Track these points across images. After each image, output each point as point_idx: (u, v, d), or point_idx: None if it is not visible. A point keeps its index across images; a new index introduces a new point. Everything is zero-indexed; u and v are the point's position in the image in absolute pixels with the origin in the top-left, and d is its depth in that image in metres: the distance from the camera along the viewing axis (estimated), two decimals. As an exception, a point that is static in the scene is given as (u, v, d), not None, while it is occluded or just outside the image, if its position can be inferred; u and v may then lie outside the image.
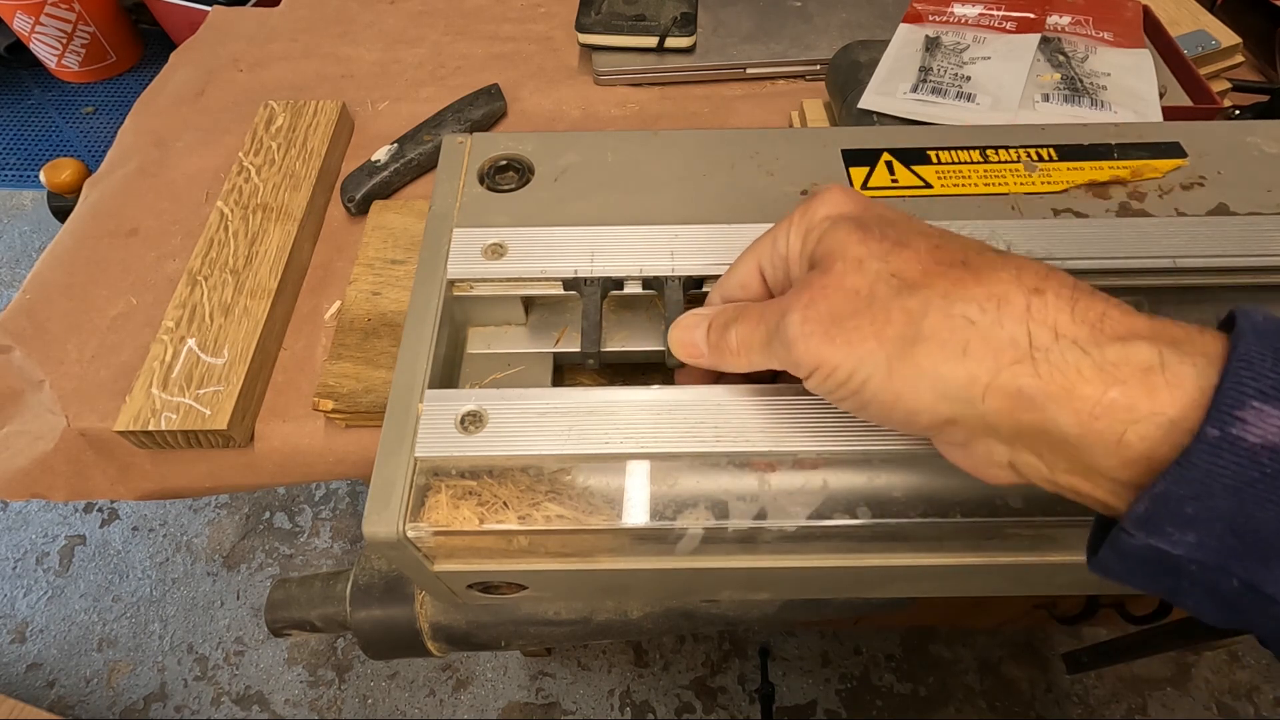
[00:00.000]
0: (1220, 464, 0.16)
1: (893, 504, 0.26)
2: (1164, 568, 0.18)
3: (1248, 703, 1.10)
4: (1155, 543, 0.17)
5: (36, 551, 1.28)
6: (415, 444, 0.27)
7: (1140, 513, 0.17)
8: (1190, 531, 0.17)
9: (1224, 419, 0.16)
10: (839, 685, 1.13)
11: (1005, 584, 0.32)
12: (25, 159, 1.72)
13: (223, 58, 0.66)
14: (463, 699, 1.13)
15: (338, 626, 0.40)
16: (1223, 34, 0.56)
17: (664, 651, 1.17)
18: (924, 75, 0.50)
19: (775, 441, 0.27)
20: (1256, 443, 0.16)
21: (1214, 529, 0.17)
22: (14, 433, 0.45)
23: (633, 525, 0.26)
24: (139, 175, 0.56)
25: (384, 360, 0.41)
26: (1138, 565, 0.18)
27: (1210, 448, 0.16)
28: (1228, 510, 0.16)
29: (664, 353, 0.30)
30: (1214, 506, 0.16)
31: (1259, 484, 0.16)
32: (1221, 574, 0.17)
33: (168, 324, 0.44)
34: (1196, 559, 0.17)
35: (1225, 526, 0.16)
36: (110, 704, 1.14)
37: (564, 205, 0.34)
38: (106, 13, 1.68)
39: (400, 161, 0.53)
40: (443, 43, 0.67)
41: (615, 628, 0.39)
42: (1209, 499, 0.16)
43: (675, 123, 0.60)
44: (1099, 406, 0.18)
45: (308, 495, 1.34)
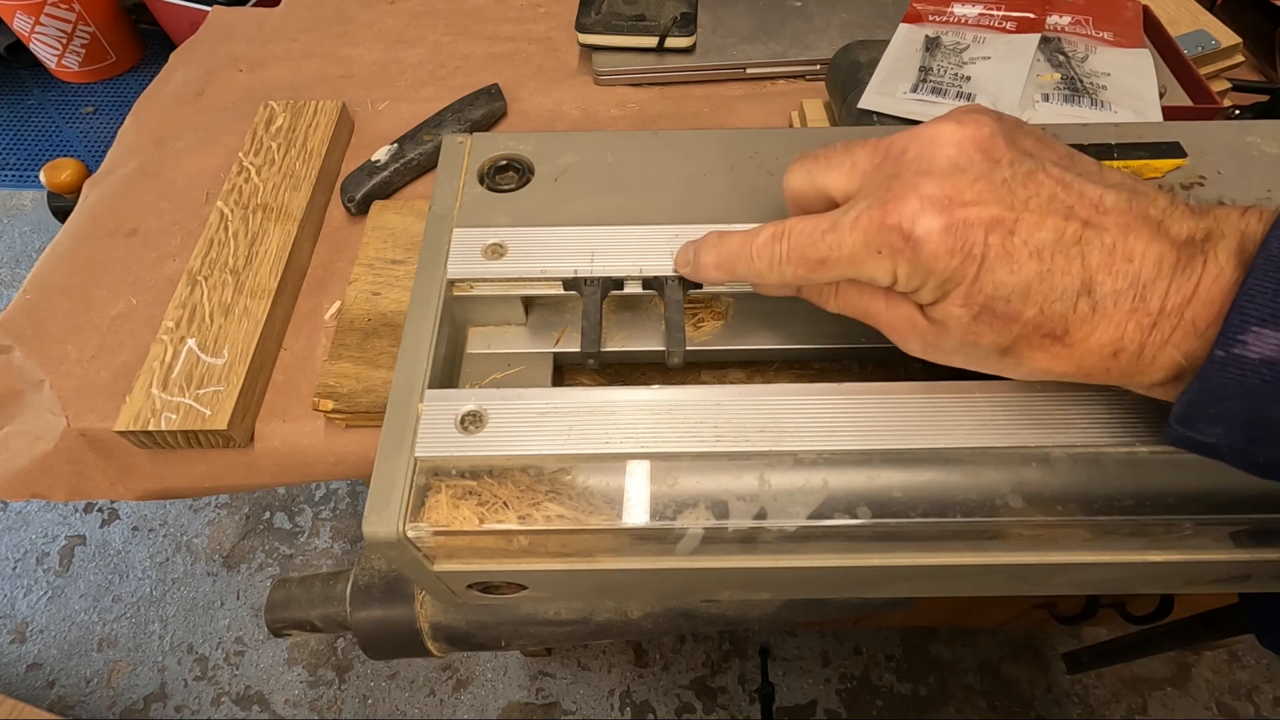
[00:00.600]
0: (1228, 377, 0.20)
1: (893, 504, 0.26)
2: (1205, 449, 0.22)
3: (1248, 703, 1.10)
4: (1192, 435, 0.22)
5: (36, 551, 1.28)
6: (415, 444, 0.27)
7: (1178, 413, 0.22)
8: (1217, 426, 0.21)
9: (1228, 342, 0.20)
10: (839, 685, 1.13)
11: (1005, 584, 0.32)
12: (25, 159, 1.72)
13: (223, 58, 0.66)
14: (463, 699, 1.13)
15: (338, 626, 0.40)
16: (1223, 34, 0.56)
17: (664, 651, 1.17)
18: (924, 75, 0.50)
19: (775, 441, 0.27)
20: (1256, 358, 0.20)
21: (1234, 424, 0.21)
22: (14, 433, 0.45)
23: (633, 525, 0.26)
24: (139, 175, 0.56)
25: (384, 360, 0.41)
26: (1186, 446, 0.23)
27: (1218, 366, 0.20)
28: (1242, 410, 0.20)
29: (664, 353, 0.30)
30: (1231, 408, 0.21)
31: (1262, 389, 0.20)
32: (1249, 454, 0.21)
33: (168, 324, 0.44)
34: (1226, 444, 0.22)
35: (1244, 421, 0.21)
36: (110, 704, 1.14)
37: (564, 205, 0.34)
38: (106, 13, 1.68)
39: (400, 161, 0.53)
40: (443, 43, 0.67)
41: (615, 628, 0.39)
42: (1225, 403, 0.21)
43: (675, 123, 0.60)
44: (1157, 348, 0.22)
45: (308, 495, 1.34)
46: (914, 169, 0.23)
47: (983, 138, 0.23)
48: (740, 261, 0.27)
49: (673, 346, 0.29)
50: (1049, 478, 0.26)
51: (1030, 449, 0.27)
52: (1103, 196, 0.22)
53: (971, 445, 0.27)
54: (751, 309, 0.34)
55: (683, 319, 0.30)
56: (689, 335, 0.33)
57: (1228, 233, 0.21)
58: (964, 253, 0.22)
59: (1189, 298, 0.21)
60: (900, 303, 0.25)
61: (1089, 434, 0.27)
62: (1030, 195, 0.22)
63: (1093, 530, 0.26)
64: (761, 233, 0.26)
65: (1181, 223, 0.22)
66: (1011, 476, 0.26)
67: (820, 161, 0.27)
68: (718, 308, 0.34)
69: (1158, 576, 0.30)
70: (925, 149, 0.24)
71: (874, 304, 0.26)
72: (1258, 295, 0.20)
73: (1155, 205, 0.22)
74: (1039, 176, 0.23)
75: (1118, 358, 0.22)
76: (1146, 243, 0.22)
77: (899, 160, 0.24)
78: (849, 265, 0.24)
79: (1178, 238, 0.22)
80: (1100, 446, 0.27)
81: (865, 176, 0.25)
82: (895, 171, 0.24)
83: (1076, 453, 0.27)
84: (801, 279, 0.26)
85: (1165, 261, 0.21)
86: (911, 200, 0.22)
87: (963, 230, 0.22)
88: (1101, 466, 0.26)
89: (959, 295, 0.23)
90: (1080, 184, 0.23)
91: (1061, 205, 0.22)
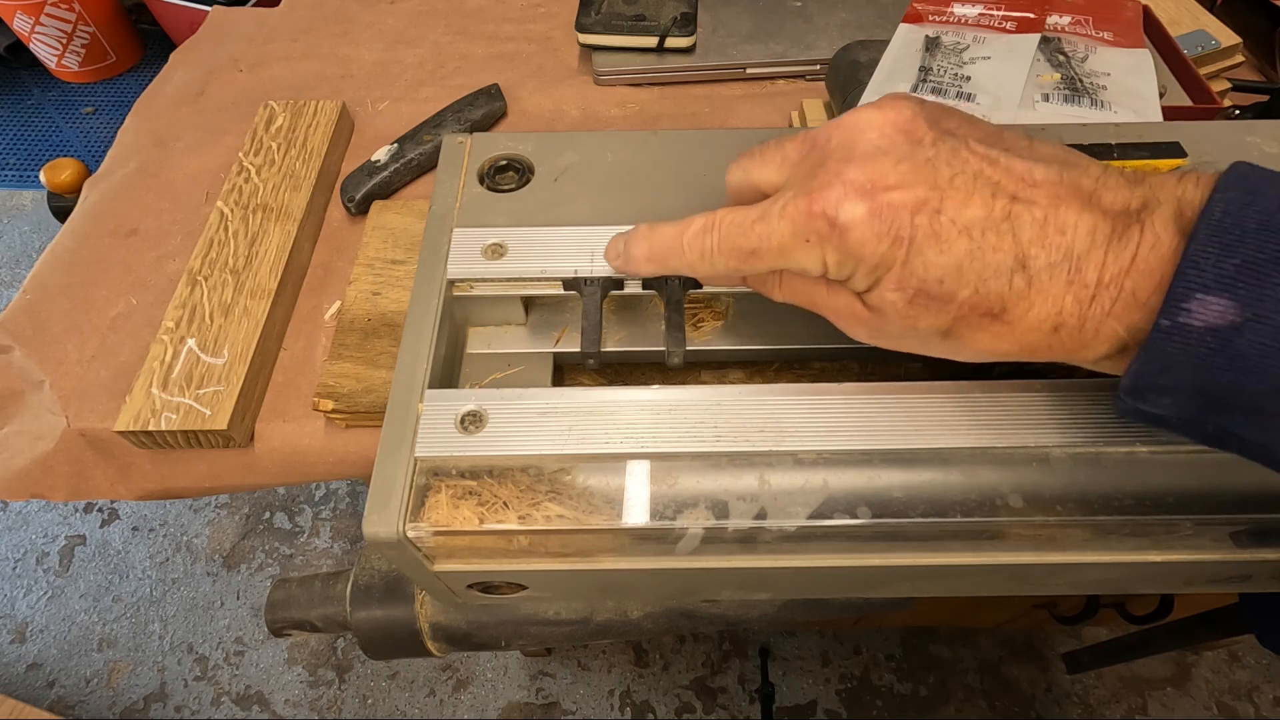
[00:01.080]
0: (1174, 346, 0.20)
1: (893, 504, 0.26)
2: (1154, 420, 0.22)
3: (1248, 703, 1.10)
4: (1141, 406, 0.22)
5: (36, 551, 1.28)
6: (415, 444, 0.27)
7: (1126, 385, 0.22)
8: (1165, 396, 0.21)
9: (1173, 311, 0.20)
10: (839, 685, 1.13)
11: (1005, 584, 0.32)
12: (25, 159, 1.72)
13: (223, 58, 0.66)
14: (463, 699, 1.13)
15: (338, 626, 0.40)
16: (1223, 34, 0.56)
17: (664, 651, 1.17)
18: (924, 75, 0.50)
19: (775, 441, 0.27)
20: (1200, 326, 0.19)
21: (1182, 394, 0.21)
22: (14, 433, 0.45)
23: (633, 525, 0.26)
24: (139, 175, 0.56)
25: (384, 360, 0.41)
26: (1136, 418, 0.23)
27: (1164, 335, 0.20)
28: (1190, 380, 0.20)
29: (664, 353, 0.30)
30: (1178, 378, 0.20)
31: (1209, 358, 0.20)
32: (1198, 424, 0.21)
33: (168, 324, 0.44)
34: (1174, 415, 0.21)
35: (1191, 391, 0.20)
36: (110, 704, 1.14)
37: (564, 205, 0.34)
38: (106, 13, 1.68)
39: (400, 161, 0.53)
40: (443, 43, 0.67)
41: (615, 628, 0.39)
42: (1172, 373, 0.20)
43: (675, 123, 0.60)
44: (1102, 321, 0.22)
45: (308, 495, 1.34)
46: (837, 157, 0.23)
47: (903, 120, 0.23)
48: (672, 253, 0.27)
49: (673, 346, 0.29)
50: (1049, 478, 0.26)
51: (1030, 449, 0.27)
52: (1031, 170, 0.22)
53: (971, 445, 0.27)
54: (751, 309, 0.34)
55: (683, 319, 0.30)
56: (689, 335, 0.33)
57: (1164, 200, 0.21)
58: (891, 236, 0.22)
59: (1126, 268, 0.21)
60: (839, 291, 0.25)
61: (1089, 434, 0.27)
62: (955, 173, 0.22)
63: (1093, 530, 0.26)
64: (693, 224, 0.26)
65: (1116, 192, 0.22)
66: (1011, 476, 0.26)
67: (755, 157, 0.27)
68: (718, 308, 0.34)
69: (1158, 576, 0.30)
70: (848, 136, 0.24)
71: (815, 293, 0.26)
72: (1201, 262, 0.19)
73: (1088, 176, 0.22)
74: (963, 154, 0.23)
75: (1059, 333, 0.22)
76: (1078, 214, 0.21)
77: (824, 149, 0.24)
78: (779, 255, 0.24)
79: (1111, 208, 0.21)
80: (1100, 446, 0.27)
81: (794, 168, 0.25)
82: (820, 160, 0.24)
83: (1076, 453, 0.27)
84: (734, 270, 0.26)
85: (1099, 232, 0.21)
86: (835, 187, 0.22)
87: (888, 213, 0.22)
88: (1101, 466, 0.26)
89: (891, 280, 0.23)
90: (1007, 159, 0.23)
91: (988, 181, 0.22)
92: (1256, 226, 0.19)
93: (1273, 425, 0.20)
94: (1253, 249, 0.19)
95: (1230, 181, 0.20)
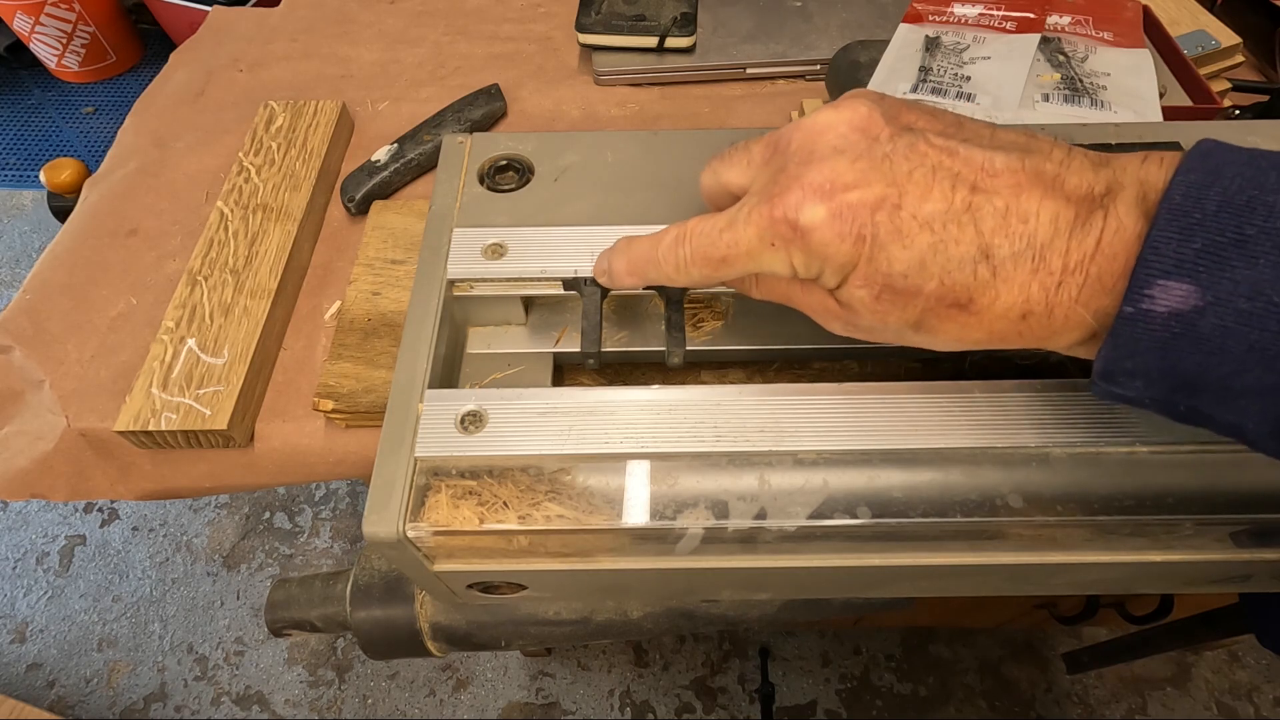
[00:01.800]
0: (1138, 332, 0.20)
1: (893, 504, 0.26)
2: (1130, 402, 0.22)
3: (1248, 703, 1.10)
4: (1114, 389, 0.22)
5: (36, 551, 1.28)
6: (415, 444, 0.27)
7: (1098, 370, 0.22)
8: (1136, 379, 0.21)
9: (1136, 298, 0.20)
10: (839, 685, 1.13)
11: (1005, 584, 0.32)
12: (25, 159, 1.71)
13: (223, 58, 0.66)
14: (463, 699, 1.13)
15: (338, 626, 0.40)
16: (1223, 34, 0.56)
17: (664, 651, 1.17)
18: (924, 75, 0.50)
19: (775, 441, 0.27)
20: (1164, 312, 0.20)
21: (1151, 377, 0.21)
22: (14, 433, 0.45)
23: (633, 525, 0.26)
24: (139, 175, 0.56)
25: (384, 360, 0.41)
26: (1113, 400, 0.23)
27: (1128, 321, 0.20)
28: (1157, 363, 0.20)
29: (664, 353, 0.30)
30: (1146, 362, 0.21)
31: (1172, 342, 0.20)
32: (1170, 404, 0.22)
33: (168, 324, 0.44)
34: (1148, 396, 0.22)
35: (1159, 374, 0.21)
36: (110, 704, 1.14)
37: (564, 205, 0.34)
38: (106, 13, 1.68)
39: (400, 161, 0.53)
40: (443, 43, 0.67)
41: (615, 628, 0.39)
42: (1140, 357, 0.21)
43: (675, 123, 0.60)
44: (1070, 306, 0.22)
45: (308, 495, 1.34)
46: (797, 159, 0.24)
47: (859, 118, 0.24)
48: (650, 266, 0.27)
49: (673, 346, 0.29)
50: (1049, 478, 0.26)
51: (1030, 449, 0.27)
52: (991, 159, 0.22)
53: (971, 445, 0.27)
54: (751, 309, 0.34)
55: (683, 319, 0.30)
56: (689, 335, 0.33)
57: (1127, 183, 0.21)
58: (854, 235, 0.22)
59: (1091, 254, 0.21)
60: (811, 289, 0.25)
61: (1089, 434, 0.27)
62: (914, 167, 0.22)
63: (1093, 530, 0.26)
64: (666, 236, 0.27)
65: (1080, 175, 0.22)
66: (1011, 476, 0.26)
67: (724, 160, 0.28)
68: (718, 308, 0.34)
69: (1158, 576, 0.30)
70: (807, 138, 0.24)
71: (791, 292, 0.26)
72: (1161, 247, 0.19)
73: (1050, 161, 0.22)
74: (920, 147, 0.23)
75: (1027, 320, 0.22)
76: (1039, 201, 0.21)
77: (785, 153, 0.24)
78: (749, 260, 0.25)
79: (1074, 193, 0.22)
80: (1100, 446, 0.27)
81: (759, 170, 0.26)
82: (782, 165, 0.24)
83: (1076, 453, 0.27)
84: (708, 278, 0.26)
85: (1062, 219, 0.21)
86: (795, 191, 0.23)
87: (848, 213, 0.22)
88: (1101, 466, 0.26)
89: (858, 278, 0.23)
90: (967, 150, 0.23)
91: (947, 173, 0.22)
92: (1216, 209, 0.19)
93: (1240, 405, 0.20)
94: (1213, 232, 0.19)
95: (1192, 163, 0.20)
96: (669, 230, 0.27)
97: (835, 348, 0.33)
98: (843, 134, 0.23)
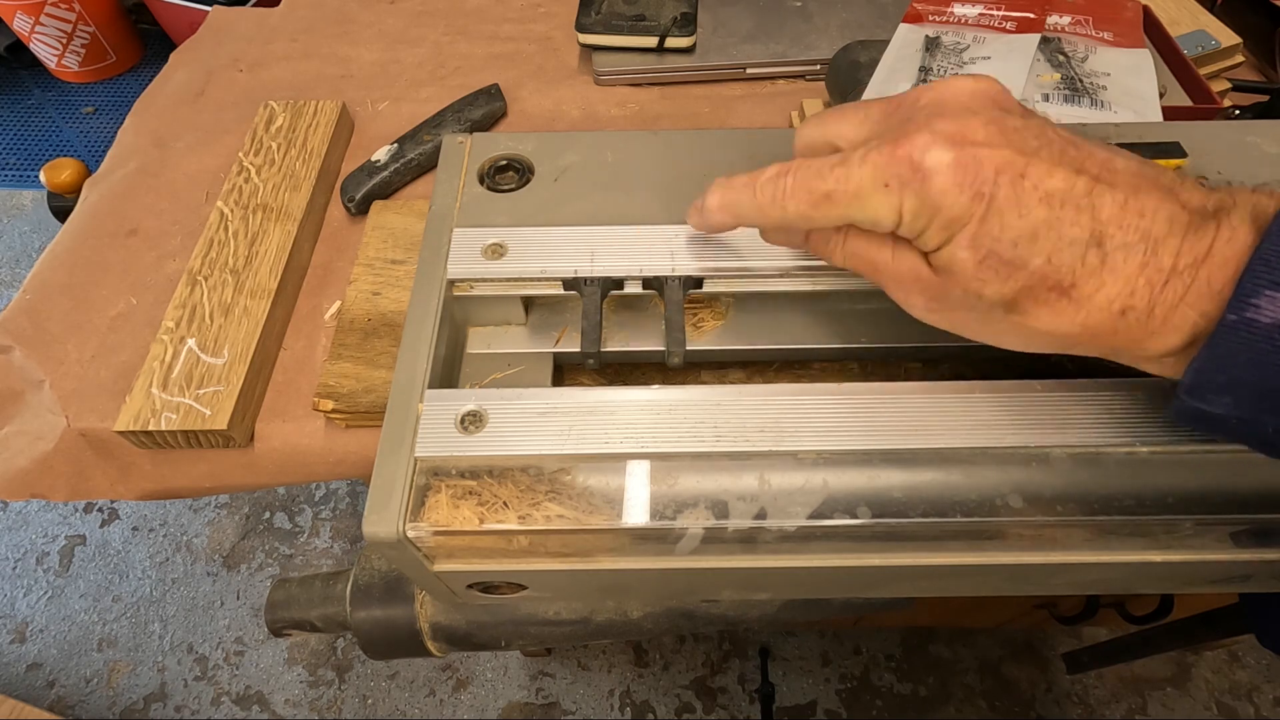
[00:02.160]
0: (1238, 342, 0.20)
1: (893, 504, 0.26)
2: (1213, 422, 0.22)
3: (1248, 703, 1.10)
4: (1201, 405, 0.21)
5: (36, 551, 1.28)
6: (415, 444, 0.27)
7: (1188, 382, 0.21)
8: (1226, 395, 0.21)
9: (1240, 305, 0.20)
10: (839, 685, 1.13)
11: (1005, 584, 0.32)
12: (25, 159, 1.71)
13: (223, 58, 0.66)
14: (463, 699, 1.13)
15: (338, 626, 0.40)
16: (1223, 34, 0.56)
17: (664, 651, 1.17)
18: (924, 75, 0.50)
19: (775, 441, 0.27)
20: (1268, 323, 0.19)
21: (1243, 393, 0.20)
22: (14, 433, 0.45)
23: (633, 525, 0.26)
24: (139, 175, 0.56)
25: (384, 360, 0.41)
26: (1194, 419, 0.22)
27: (1229, 329, 0.20)
28: (1252, 378, 0.20)
29: (664, 353, 0.30)
30: (1240, 377, 0.20)
31: (1272, 355, 0.19)
32: (1257, 426, 0.21)
33: (168, 324, 0.44)
34: (1235, 415, 0.21)
35: (1252, 390, 0.20)
36: (110, 704, 1.14)
37: (564, 205, 0.34)
38: (106, 13, 1.68)
39: (400, 161, 0.53)
40: (443, 43, 0.67)
41: (615, 628, 0.39)
42: (1235, 370, 0.20)
43: (675, 123, 0.60)
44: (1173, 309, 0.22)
45: (308, 495, 1.34)
46: (928, 111, 0.24)
47: (996, 91, 0.24)
48: (744, 198, 0.26)
49: (673, 346, 0.29)
50: (1049, 478, 0.26)
51: (1030, 449, 0.27)
52: (1112, 158, 0.22)
53: (971, 445, 0.27)
54: (751, 309, 0.34)
55: (683, 319, 0.30)
56: (689, 335, 0.33)
57: (1239, 203, 0.21)
58: (973, 189, 0.22)
59: (1203, 257, 0.21)
60: (906, 252, 0.25)
61: (1089, 434, 0.27)
62: (1041, 146, 0.22)
63: (1093, 530, 0.26)
64: (768, 169, 0.26)
65: (1193, 193, 0.22)
66: (1011, 476, 0.26)
67: (834, 114, 0.27)
68: (718, 308, 0.34)
69: (1158, 576, 0.30)
70: (939, 95, 0.24)
71: (880, 254, 0.25)
72: (1272, 259, 0.19)
73: (1165, 176, 0.23)
74: (1049, 133, 0.23)
75: (1126, 316, 0.22)
76: (1159, 201, 0.21)
77: (912, 105, 0.24)
78: (854, 201, 0.24)
79: (1189, 203, 0.22)
80: (1100, 446, 0.27)
81: (877, 124, 0.25)
82: (908, 115, 0.24)
83: (1076, 453, 0.27)
84: (804, 216, 0.25)
85: (1177, 221, 0.21)
86: (924, 134, 0.22)
87: (973, 166, 0.22)
88: (1101, 466, 0.26)
89: (965, 237, 0.22)
90: (1090, 146, 0.23)
91: (1072, 159, 0.22)
92: None
93: None
94: None
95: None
96: (770, 166, 0.26)
97: (835, 348, 0.34)
98: (979, 98, 0.24)
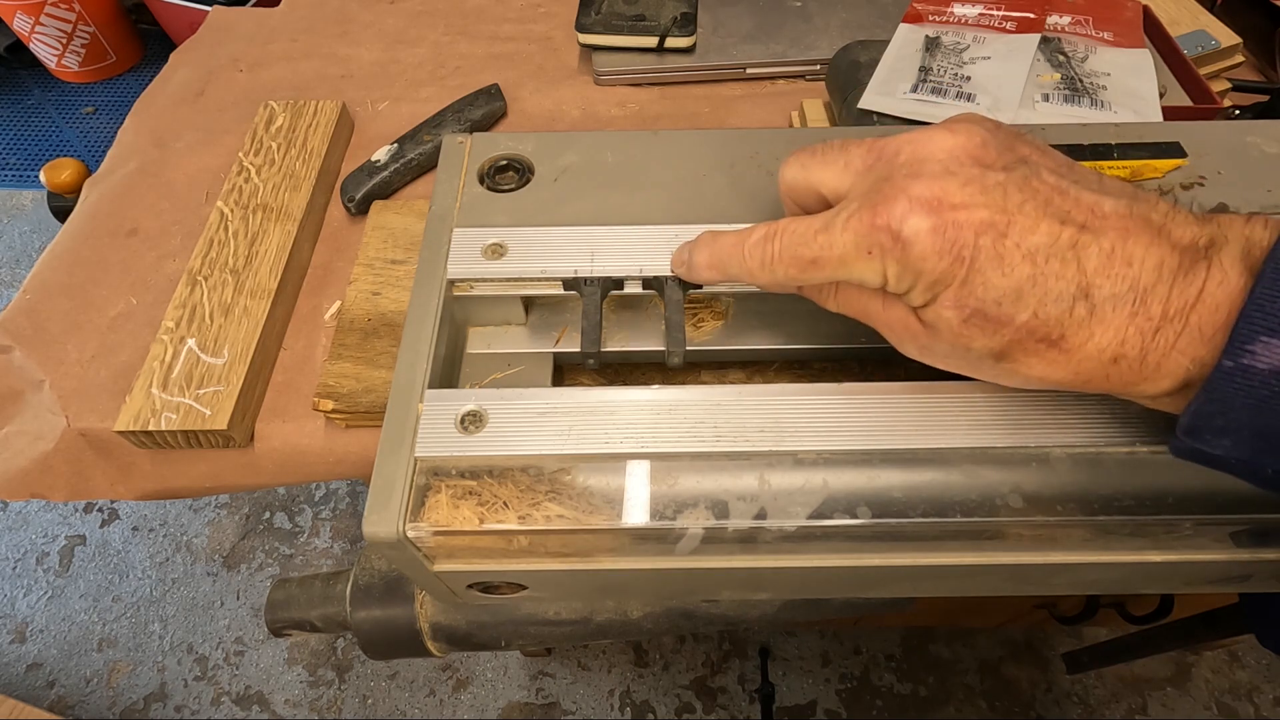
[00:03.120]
0: (1236, 388, 0.20)
1: (893, 504, 0.26)
2: (1211, 461, 0.22)
3: (1248, 703, 1.10)
4: (1199, 446, 0.22)
5: (36, 551, 1.28)
6: (415, 444, 0.27)
7: (1185, 425, 0.22)
8: (1225, 438, 0.21)
9: (1236, 352, 0.20)
10: (839, 685, 1.13)
11: (1005, 584, 0.32)
12: (25, 159, 1.72)
13: (223, 58, 0.66)
14: (463, 699, 1.13)
15: (338, 626, 0.40)
16: (1223, 34, 0.56)
17: (664, 651, 1.17)
18: (924, 75, 0.50)
19: (775, 441, 0.27)
20: (1265, 369, 0.19)
21: (1242, 436, 0.21)
22: (14, 433, 0.45)
23: (633, 525, 0.26)
24: (139, 175, 0.56)
25: (384, 360, 0.41)
26: (1192, 457, 0.23)
27: (1226, 376, 0.20)
28: (1250, 422, 0.20)
29: (664, 353, 0.30)
30: (1239, 419, 0.20)
31: (1270, 401, 0.20)
32: (1256, 466, 0.21)
33: (168, 324, 0.44)
34: (1233, 456, 0.21)
35: (1251, 433, 0.20)
36: (110, 704, 1.14)
37: (564, 205, 0.34)
38: (106, 13, 1.68)
39: (400, 161, 0.53)
40: (443, 43, 0.67)
41: (615, 628, 0.39)
42: (1233, 414, 0.20)
43: (675, 123, 0.60)
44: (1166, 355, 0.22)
45: (308, 495, 1.34)
46: (905, 172, 0.23)
47: (974, 146, 0.23)
48: (733, 261, 0.27)
49: (673, 346, 0.29)
50: (1049, 478, 0.26)
51: (1030, 449, 0.27)
52: (1100, 202, 0.22)
53: (971, 445, 0.27)
54: (751, 309, 0.34)
55: (683, 319, 0.30)
56: (689, 335, 0.33)
57: (1232, 239, 0.21)
58: (953, 254, 0.22)
59: (1192, 303, 0.21)
60: (894, 305, 0.25)
61: (1089, 434, 0.27)
62: (1024, 200, 0.22)
63: (1093, 530, 0.26)
64: (754, 232, 0.26)
65: (1184, 228, 0.22)
66: (1011, 476, 0.26)
67: (816, 156, 0.27)
68: (718, 308, 0.34)
69: (1158, 576, 0.30)
70: (918, 152, 0.24)
71: (871, 304, 0.26)
72: (1266, 305, 0.19)
73: (1156, 211, 0.22)
74: (1033, 183, 0.23)
75: (1118, 364, 0.22)
76: (1146, 247, 0.21)
77: (891, 163, 0.24)
78: (839, 266, 0.24)
79: (1179, 242, 0.21)
80: (1100, 446, 0.27)
81: (858, 176, 0.25)
82: (887, 174, 0.24)
83: (1076, 453, 0.27)
84: (793, 279, 0.26)
85: (1166, 266, 0.21)
86: (901, 201, 0.22)
87: (951, 231, 0.22)
88: (1101, 466, 0.26)
89: (949, 297, 0.23)
90: (1077, 190, 0.23)
91: (1057, 210, 0.22)
92: None
93: None
94: None
95: None
96: (758, 227, 0.26)
97: (835, 348, 0.33)
98: (956, 157, 0.23)
